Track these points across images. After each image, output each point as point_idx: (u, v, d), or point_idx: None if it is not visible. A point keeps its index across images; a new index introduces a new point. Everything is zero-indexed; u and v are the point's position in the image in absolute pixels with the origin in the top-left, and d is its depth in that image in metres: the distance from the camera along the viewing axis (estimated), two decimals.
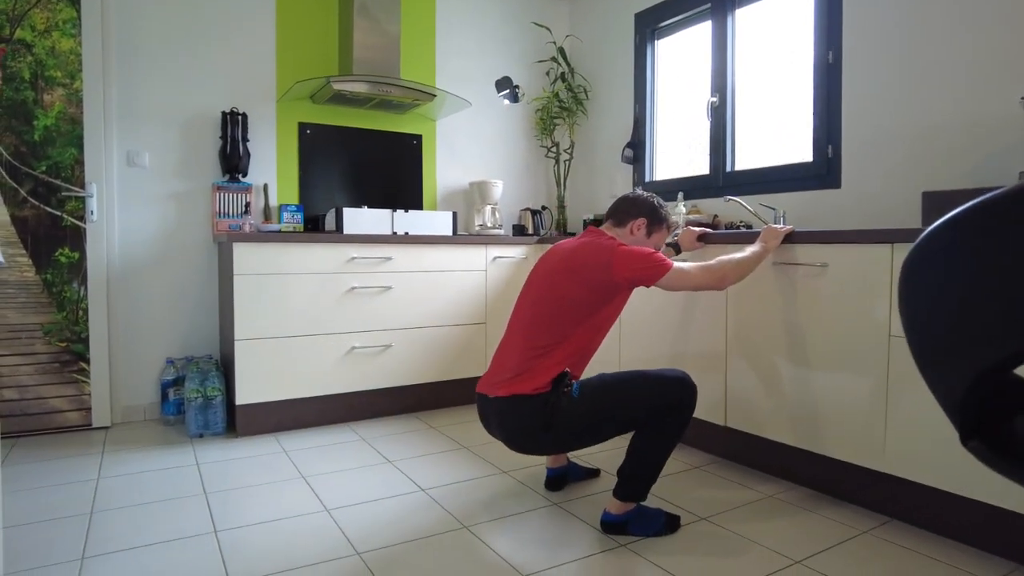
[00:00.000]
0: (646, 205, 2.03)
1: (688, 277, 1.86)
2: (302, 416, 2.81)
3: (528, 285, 1.98)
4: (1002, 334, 0.50)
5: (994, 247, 0.51)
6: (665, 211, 2.07)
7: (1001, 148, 2.10)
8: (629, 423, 1.78)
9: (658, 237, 2.05)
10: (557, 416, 1.74)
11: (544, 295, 1.89)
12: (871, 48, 2.46)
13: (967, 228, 0.53)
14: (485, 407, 1.88)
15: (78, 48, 2.71)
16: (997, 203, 0.51)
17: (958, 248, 0.54)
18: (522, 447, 1.86)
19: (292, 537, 1.77)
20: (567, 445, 1.86)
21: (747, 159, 3.07)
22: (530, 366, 1.79)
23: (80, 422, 2.76)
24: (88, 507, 1.96)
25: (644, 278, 1.83)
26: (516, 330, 1.91)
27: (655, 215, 2.03)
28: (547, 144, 4.01)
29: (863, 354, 1.89)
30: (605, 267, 1.82)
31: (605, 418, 1.77)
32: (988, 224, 0.51)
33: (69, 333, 2.75)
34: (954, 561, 1.65)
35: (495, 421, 1.85)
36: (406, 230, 3.08)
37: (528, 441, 1.82)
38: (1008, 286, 0.50)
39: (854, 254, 1.91)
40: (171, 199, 2.99)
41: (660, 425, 1.76)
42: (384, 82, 3.10)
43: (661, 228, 2.04)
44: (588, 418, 1.76)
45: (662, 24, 3.48)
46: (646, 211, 2.02)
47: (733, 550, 1.71)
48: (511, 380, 1.80)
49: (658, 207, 2.05)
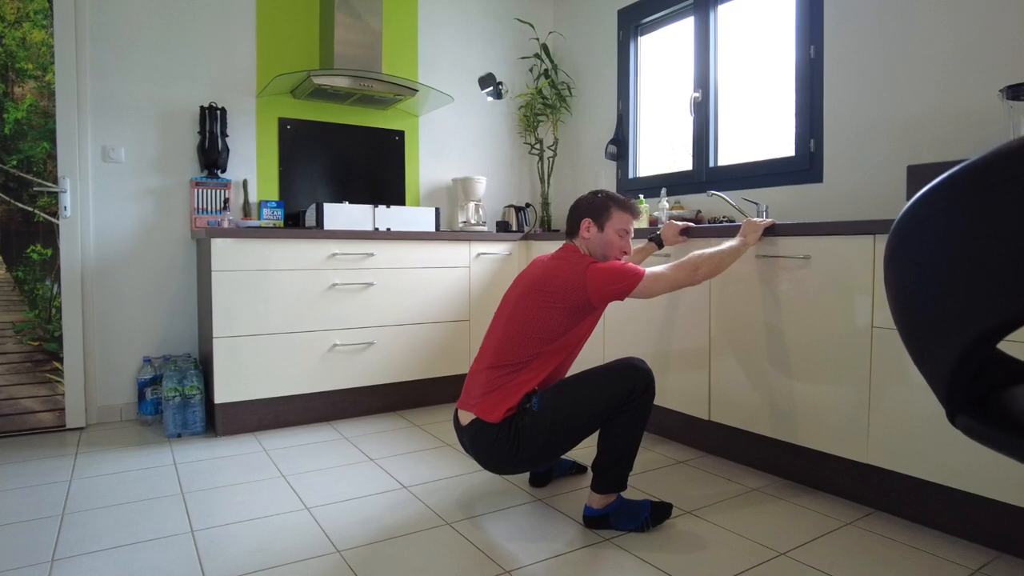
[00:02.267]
0: (582, 204, 1.98)
1: (661, 279, 1.85)
2: (283, 415, 2.77)
3: (504, 301, 1.96)
4: (990, 301, 0.49)
5: (978, 212, 0.49)
6: (606, 194, 1.97)
7: (981, 140, 2.12)
8: (594, 421, 1.76)
9: (614, 223, 1.93)
10: (523, 436, 1.74)
11: (516, 314, 1.86)
12: (852, 43, 2.47)
13: (949, 195, 0.52)
14: (459, 430, 1.89)
15: (50, 40, 2.65)
16: (976, 169, 0.50)
17: (942, 216, 0.52)
18: (499, 470, 1.86)
19: (271, 536, 1.73)
20: (542, 459, 1.82)
21: (730, 154, 3.08)
22: (499, 384, 1.79)
23: (53, 423, 2.70)
24: (59, 509, 1.90)
25: (618, 292, 1.82)
26: (488, 348, 1.89)
27: (594, 206, 1.94)
28: (531, 141, 3.99)
29: (846, 346, 1.90)
30: (579, 288, 1.81)
31: (570, 423, 1.75)
32: (972, 189, 0.50)
33: (42, 331, 2.68)
34: (936, 550, 1.65)
35: (468, 445, 1.86)
36: (388, 226, 3.05)
37: (503, 465, 1.83)
38: (994, 251, 0.48)
39: (836, 246, 1.92)
40: (148, 195, 2.93)
41: (622, 414, 1.75)
42: (366, 77, 3.07)
43: (609, 213, 1.93)
44: (553, 427, 1.74)
45: (645, 20, 3.48)
46: (584, 209, 1.96)
47: (718, 543, 1.71)
48: (479, 400, 1.80)
49: (595, 197, 1.97)
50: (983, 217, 0.49)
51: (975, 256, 0.50)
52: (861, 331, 1.86)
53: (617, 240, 1.93)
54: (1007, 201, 0.48)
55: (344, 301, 2.82)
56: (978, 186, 0.49)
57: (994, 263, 0.49)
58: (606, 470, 1.77)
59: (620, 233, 1.94)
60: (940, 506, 1.76)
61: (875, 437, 1.84)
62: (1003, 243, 0.48)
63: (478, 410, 1.79)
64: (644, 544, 1.70)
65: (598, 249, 1.93)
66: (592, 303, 1.83)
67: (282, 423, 2.77)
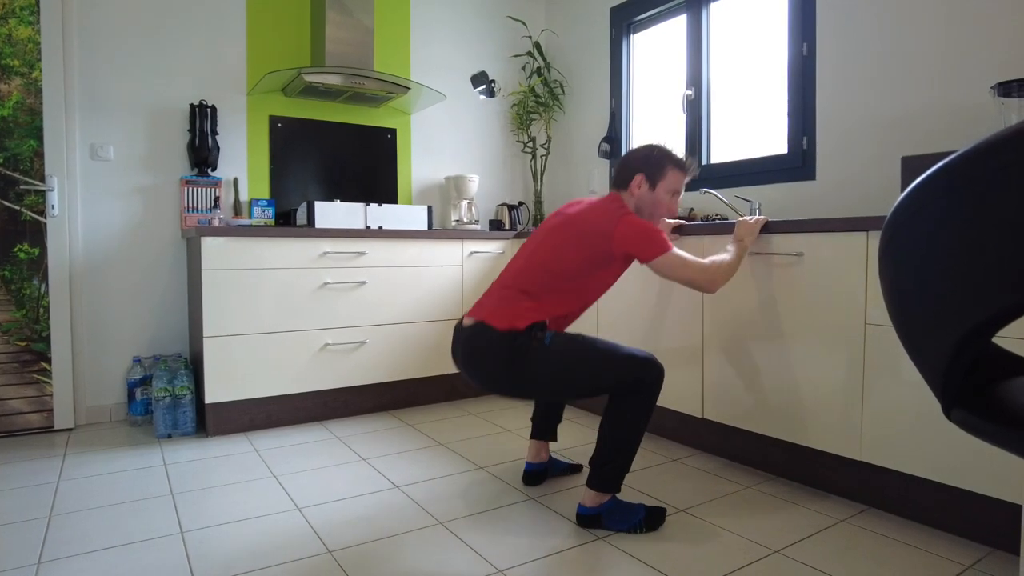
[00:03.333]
0: (638, 157, 1.89)
1: (683, 268, 1.78)
2: (274, 415, 2.75)
3: (535, 232, 1.95)
4: (986, 292, 0.48)
5: (972, 202, 0.49)
6: (662, 151, 1.89)
7: (973, 137, 2.12)
8: (591, 389, 1.73)
9: (668, 183, 1.87)
10: (521, 358, 1.70)
11: (541, 247, 1.86)
12: (845, 40, 2.47)
13: (944, 185, 0.51)
14: (457, 335, 1.84)
15: (37, 36, 2.62)
16: (969, 158, 0.49)
17: (936, 206, 0.51)
18: (476, 376, 1.78)
19: (261, 536, 1.71)
20: (521, 391, 1.79)
21: (723, 152, 3.08)
22: (511, 303, 1.77)
23: (41, 424, 2.67)
24: (46, 511, 1.88)
25: (640, 253, 1.77)
26: (508, 272, 1.88)
27: (650, 163, 1.87)
28: (524, 139, 3.98)
29: (839, 343, 1.89)
30: (607, 235, 1.77)
31: (569, 377, 1.72)
32: (966, 178, 0.49)
33: (29, 332, 2.65)
34: (930, 547, 1.65)
35: (460, 349, 1.80)
36: (380, 224, 3.03)
37: (483, 372, 1.76)
38: (989, 241, 0.48)
39: (829, 243, 1.91)
40: (137, 193, 2.90)
41: (625, 405, 1.72)
42: (357, 74, 3.05)
43: (664, 173, 1.87)
44: (552, 371, 1.71)
45: (638, 18, 3.47)
46: (639, 163, 1.88)
47: (712, 541, 1.70)
48: (489, 311, 1.77)
49: (652, 153, 1.89)
50: (977, 206, 0.49)
51: (970, 246, 0.49)
52: (854, 328, 1.85)
53: (667, 200, 1.89)
54: (1001, 190, 0.47)
55: (336, 300, 2.80)
56: (972, 175, 0.49)
57: (989, 253, 0.48)
58: (603, 464, 1.75)
59: (672, 192, 1.89)
60: (933, 503, 1.76)
61: (868, 434, 1.83)
62: (998, 233, 0.47)
63: (485, 315, 1.77)
64: (638, 543, 1.69)
65: (646, 207, 1.88)
66: (614, 254, 1.78)
67: (273, 423, 2.75)
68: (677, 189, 1.91)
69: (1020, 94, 1.84)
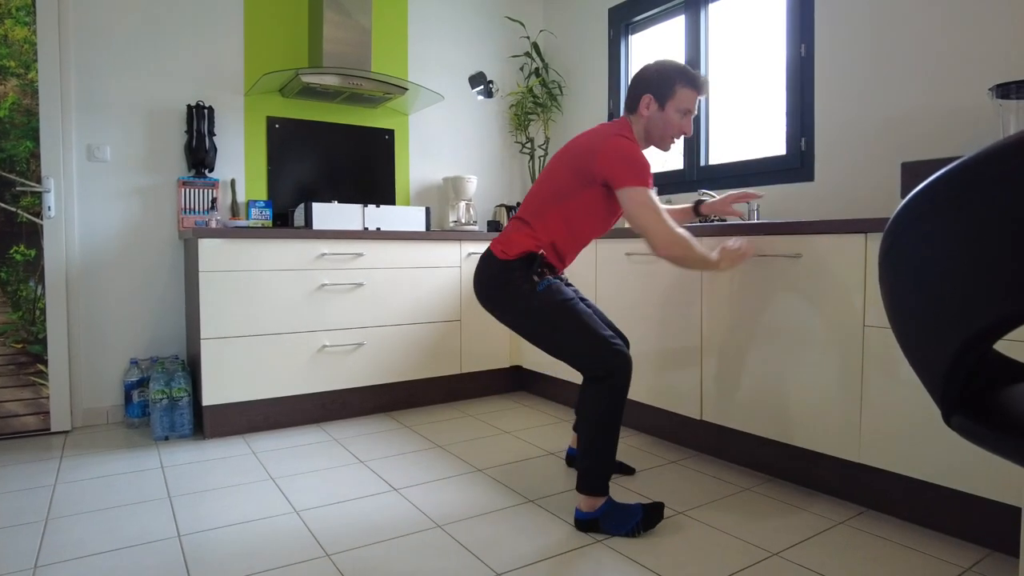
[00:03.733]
0: (646, 76, 1.82)
1: (648, 212, 1.69)
2: (272, 417, 2.74)
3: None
4: (985, 300, 0.48)
5: (972, 210, 0.48)
6: (672, 67, 1.79)
7: (972, 138, 2.12)
8: (560, 352, 1.79)
9: (678, 101, 1.79)
10: (515, 289, 1.79)
11: (542, 175, 1.93)
12: (842, 41, 2.47)
13: (943, 193, 0.51)
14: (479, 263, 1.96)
15: (33, 37, 2.61)
16: (969, 167, 0.49)
17: (936, 214, 0.51)
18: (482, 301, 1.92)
19: (259, 540, 1.71)
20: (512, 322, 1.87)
21: (721, 153, 3.07)
22: (509, 233, 1.89)
23: (38, 426, 2.66)
24: (43, 514, 1.87)
25: (615, 177, 1.72)
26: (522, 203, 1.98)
27: (658, 81, 1.79)
28: (522, 140, 3.98)
29: (838, 345, 1.89)
30: (593, 152, 1.76)
31: (544, 331, 1.80)
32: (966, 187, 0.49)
33: (26, 334, 2.64)
34: (928, 549, 1.65)
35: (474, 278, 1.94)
36: (378, 226, 3.03)
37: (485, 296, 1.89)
38: (988, 250, 0.47)
39: (827, 244, 1.91)
40: (134, 194, 2.89)
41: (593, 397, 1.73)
42: (355, 75, 3.04)
43: (674, 90, 1.78)
44: (533, 318, 1.79)
45: (636, 19, 3.47)
46: (646, 83, 1.81)
47: (710, 544, 1.70)
48: (495, 242, 1.91)
49: (661, 70, 1.80)
50: (977, 215, 0.48)
51: (969, 255, 0.49)
52: (853, 330, 1.85)
53: (677, 120, 1.84)
54: (1001, 199, 0.46)
55: (334, 301, 2.80)
56: (972, 184, 0.48)
57: (988, 261, 0.48)
58: (583, 471, 1.76)
59: (683, 112, 1.83)
60: (931, 505, 1.76)
61: (867, 436, 1.83)
62: (997, 241, 0.47)
63: (492, 245, 1.90)
64: (636, 545, 1.69)
65: (656, 128, 1.84)
66: (595, 174, 1.76)
67: (271, 425, 2.74)
68: (689, 108, 1.83)
69: (1018, 96, 1.84)
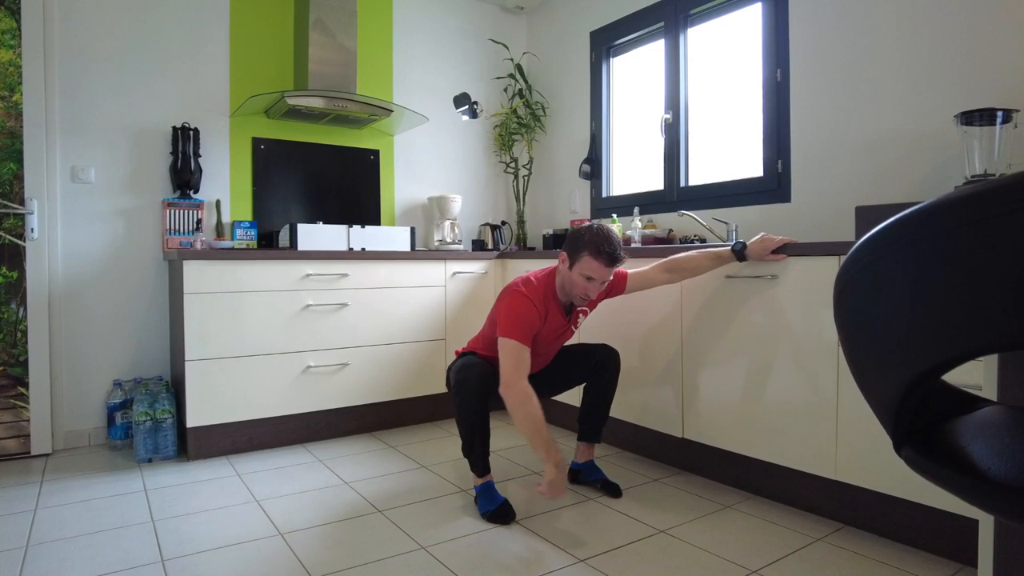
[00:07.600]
0: (571, 234, 2.05)
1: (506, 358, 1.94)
2: (257, 438, 2.74)
3: None
4: (931, 342, 0.52)
5: (920, 258, 0.52)
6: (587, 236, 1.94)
7: (939, 163, 2.19)
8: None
9: (582, 267, 1.95)
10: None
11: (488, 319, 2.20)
12: (816, 66, 2.55)
13: (893, 240, 0.54)
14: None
15: (18, 60, 2.62)
16: (921, 216, 0.52)
17: (885, 261, 0.55)
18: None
19: (243, 564, 1.71)
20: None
21: (700, 174, 3.14)
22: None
23: (18, 450, 2.63)
24: (23, 540, 1.86)
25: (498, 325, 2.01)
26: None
27: (573, 242, 2.00)
28: (506, 160, 4.03)
29: (814, 364, 1.94)
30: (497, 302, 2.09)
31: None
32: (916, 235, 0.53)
33: (6, 356, 2.62)
34: (903, 564, 1.69)
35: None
36: (363, 246, 3.05)
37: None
38: (934, 295, 0.51)
39: (803, 266, 1.96)
40: (119, 216, 2.89)
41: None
42: (340, 97, 3.08)
43: (580, 256, 1.95)
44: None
45: (617, 42, 3.55)
46: (568, 242, 2.03)
47: (690, 562, 1.72)
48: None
49: (578, 234, 1.98)
50: (925, 263, 0.52)
51: (915, 300, 0.53)
52: (828, 349, 1.90)
53: (581, 282, 1.99)
54: (950, 249, 0.50)
55: (318, 322, 2.81)
56: (923, 233, 0.52)
57: (934, 307, 0.52)
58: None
59: (586, 277, 1.97)
60: (906, 521, 1.80)
61: (843, 454, 1.88)
62: (944, 288, 0.51)
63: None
64: (616, 564, 1.71)
65: (566, 283, 2.05)
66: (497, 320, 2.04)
67: (256, 446, 2.74)
68: (591, 276, 1.96)
69: (981, 123, 1.92)
